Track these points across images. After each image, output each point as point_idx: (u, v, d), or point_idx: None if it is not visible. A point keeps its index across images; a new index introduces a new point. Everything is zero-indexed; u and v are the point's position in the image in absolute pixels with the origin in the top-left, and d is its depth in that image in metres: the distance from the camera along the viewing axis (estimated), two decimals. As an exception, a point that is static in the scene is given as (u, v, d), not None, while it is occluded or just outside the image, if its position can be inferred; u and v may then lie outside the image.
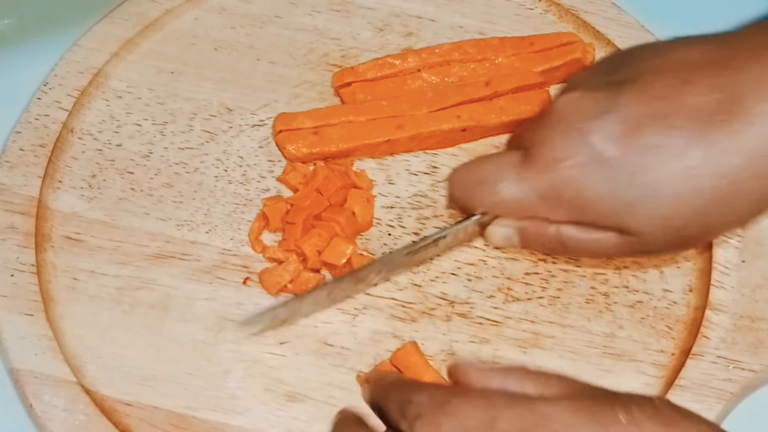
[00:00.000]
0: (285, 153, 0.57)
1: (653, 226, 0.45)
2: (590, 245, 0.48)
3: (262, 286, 0.54)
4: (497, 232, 0.50)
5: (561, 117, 0.46)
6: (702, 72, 0.44)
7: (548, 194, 0.46)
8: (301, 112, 0.58)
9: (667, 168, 0.43)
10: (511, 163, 0.48)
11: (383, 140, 0.57)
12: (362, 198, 0.56)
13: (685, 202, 0.44)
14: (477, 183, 0.49)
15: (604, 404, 0.40)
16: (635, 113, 0.44)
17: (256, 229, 0.55)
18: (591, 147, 0.44)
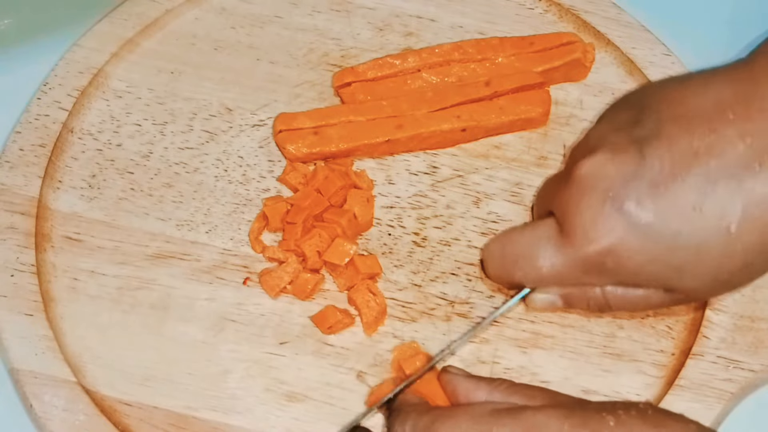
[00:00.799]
0: (285, 153, 0.57)
1: (702, 284, 0.44)
2: (639, 301, 0.46)
3: (263, 288, 0.54)
4: (540, 300, 0.49)
5: (588, 185, 0.44)
6: (728, 117, 0.42)
7: (590, 267, 0.45)
8: (301, 112, 0.58)
9: (708, 228, 0.42)
10: (547, 237, 0.46)
11: (383, 140, 0.57)
12: (362, 198, 0.56)
13: (732, 258, 0.42)
14: (514, 260, 0.48)
15: (592, 411, 0.40)
16: (665, 172, 0.42)
17: (256, 229, 0.55)
18: (626, 215, 0.43)
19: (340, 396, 0.51)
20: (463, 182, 0.58)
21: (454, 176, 0.58)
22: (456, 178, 0.58)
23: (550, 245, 0.46)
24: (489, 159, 0.59)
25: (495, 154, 0.59)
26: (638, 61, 0.62)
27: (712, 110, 0.43)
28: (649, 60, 0.62)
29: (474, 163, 0.59)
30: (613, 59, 0.62)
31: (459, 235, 0.56)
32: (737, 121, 0.42)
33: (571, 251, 0.45)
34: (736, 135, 0.42)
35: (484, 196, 0.58)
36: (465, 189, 0.58)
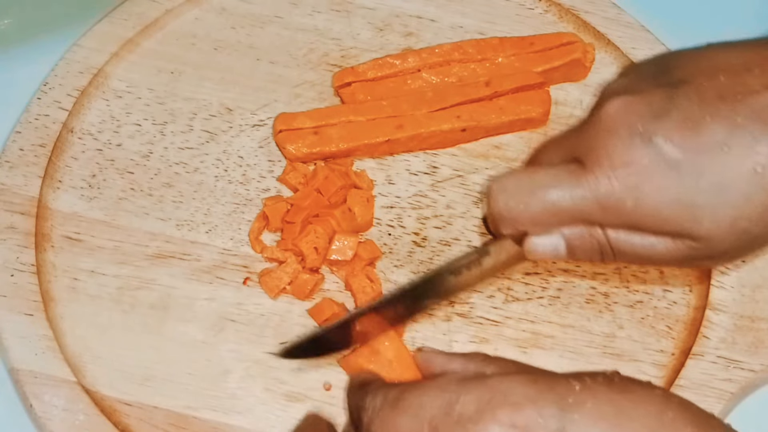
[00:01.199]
0: (285, 153, 0.57)
1: (719, 230, 0.43)
2: (643, 251, 0.45)
3: (262, 288, 0.54)
4: (543, 243, 0.47)
5: (616, 121, 0.44)
6: (754, 72, 0.43)
7: (609, 201, 0.44)
8: (301, 112, 0.58)
9: (734, 167, 0.42)
10: (567, 172, 0.45)
11: (383, 140, 0.57)
12: (362, 198, 0.56)
13: (753, 201, 0.42)
14: (530, 191, 0.46)
15: (558, 377, 0.40)
16: (695, 113, 0.42)
17: (256, 229, 0.55)
18: (654, 150, 0.42)
19: (339, 396, 0.51)
20: (463, 182, 0.58)
21: (454, 176, 0.58)
22: (456, 178, 0.58)
23: (571, 178, 0.45)
24: (489, 159, 0.59)
25: (495, 154, 0.59)
26: (638, 61, 0.62)
27: (738, 67, 0.43)
28: (649, 60, 0.62)
29: (474, 163, 0.59)
30: (613, 59, 0.63)
31: (459, 235, 0.56)
32: (762, 75, 0.42)
33: (594, 184, 0.44)
34: (761, 86, 0.42)
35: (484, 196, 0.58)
36: (465, 189, 0.58)
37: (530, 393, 0.39)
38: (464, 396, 0.39)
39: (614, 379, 0.40)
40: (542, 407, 0.38)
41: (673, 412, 0.38)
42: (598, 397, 0.39)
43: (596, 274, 0.55)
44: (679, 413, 0.39)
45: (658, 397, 0.39)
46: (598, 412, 0.38)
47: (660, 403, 0.39)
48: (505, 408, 0.38)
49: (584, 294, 0.55)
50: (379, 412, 0.41)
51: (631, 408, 0.38)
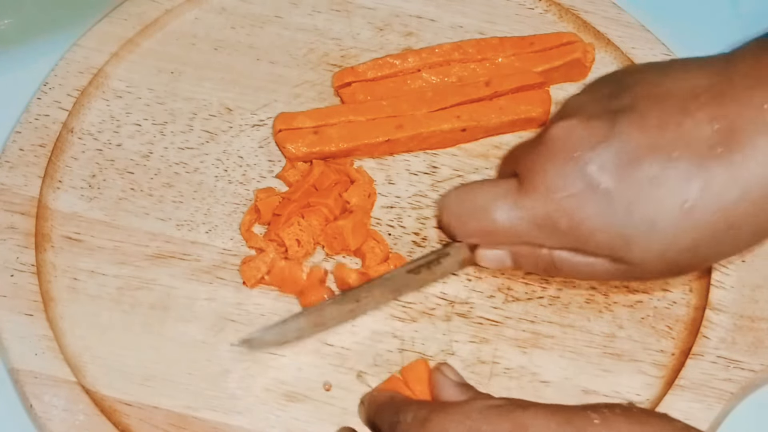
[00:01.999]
0: (285, 152, 0.57)
1: (648, 258, 0.44)
2: (584, 269, 0.47)
3: (242, 277, 0.54)
4: (489, 255, 0.49)
5: (557, 145, 0.45)
6: (701, 100, 0.43)
7: (544, 223, 0.45)
8: (301, 112, 0.58)
9: (664, 202, 0.42)
10: (506, 191, 0.47)
11: (383, 140, 0.57)
12: (363, 192, 0.56)
13: (682, 236, 0.43)
14: (470, 211, 0.48)
15: (577, 409, 0.40)
16: (632, 144, 0.43)
17: (247, 221, 0.55)
18: (587, 178, 0.43)
19: (340, 396, 0.51)
20: (463, 182, 0.58)
21: (454, 176, 0.58)
22: (456, 178, 0.58)
23: (509, 198, 0.46)
24: (489, 159, 0.59)
25: (495, 154, 0.59)
26: (638, 61, 0.62)
27: (686, 93, 0.43)
28: (649, 60, 0.62)
29: (474, 163, 0.59)
30: (613, 59, 0.63)
31: (459, 235, 0.56)
32: (708, 105, 0.42)
33: (529, 206, 0.46)
34: (705, 118, 0.42)
35: (484, 196, 0.57)
36: (465, 189, 0.58)
37: (551, 426, 0.39)
38: (486, 426, 0.40)
39: (632, 411, 0.41)
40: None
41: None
42: (617, 429, 0.39)
43: (596, 274, 0.55)
44: None
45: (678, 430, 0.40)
46: None
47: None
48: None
49: (584, 294, 0.55)
50: (409, 428, 0.43)
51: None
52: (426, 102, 0.58)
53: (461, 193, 0.49)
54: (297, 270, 0.53)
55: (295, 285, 0.53)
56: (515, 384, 0.52)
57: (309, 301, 0.53)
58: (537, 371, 0.52)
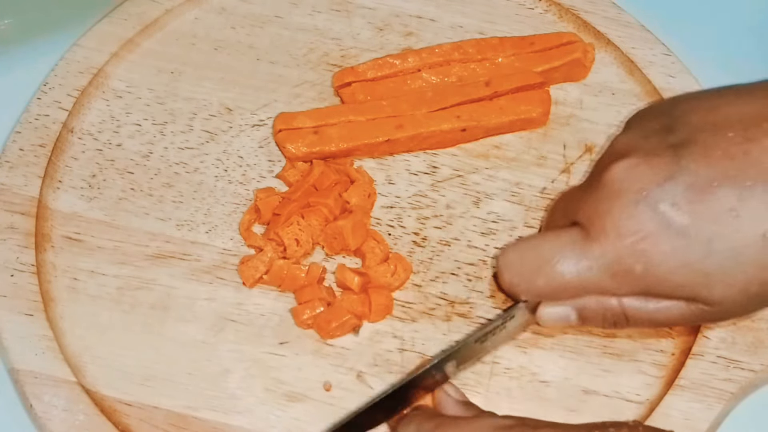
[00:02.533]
0: (285, 152, 0.57)
1: (731, 295, 0.42)
2: (657, 316, 0.45)
3: (240, 277, 0.54)
4: (553, 313, 0.46)
5: (619, 187, 0.43)
6: (763, 127, 0.41)
7: (617, 270, 0.43)
8: (300, 112, 0.58)
9: (744, 233, 0.41)
10: (571, 241, 0.44)
11: (383, 140, 0.57)
12: (363, 192, 0.56)
13: (765, 267, 0.41)
14: (535, 267, 0.45)
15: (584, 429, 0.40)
16: (702, 176, 0.41)
17: (246, 221, 0.55)
18: (660, 216, 0.42)
19: (340, 396, 0.51)
20: (463, 182, 0.58)
21: (454, 176, 0.58)
22: (456, 178, 0.58)
23: (575, 249, 0.44)
24: (489, 159, 0.59)
25: (495, 154, 0.59)
26: (638, 61, 0.62)
27: (747, 120, 0.42)
28: (649, 60, 0.62)
29: (474, 163, 0.59)
30: (613, 59, 0.62)
31: (459, 235, 0.56)
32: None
33: (600, 253, 0.43)
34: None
35: (484, 196, 0.58)
36: (465, 189, 0.58)
37: None
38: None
39: (638, 429, 0.40)
40: None
41: None
42: None
43: (596, 274, 0.55)
44: None
45: None
46: None
47: None
48: None
49: (584, 294, 0.55)
50: None
51: None
52: (426, 102, 0.58)
53: (522, 249, 0.46)
54: (295, 269, 0.53)
55: (293, 283, 0.53)
56: (515, 384, 0.52)
57: (305, 298, 0.53)
58: (537, 371, 0.52)
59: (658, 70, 0.61)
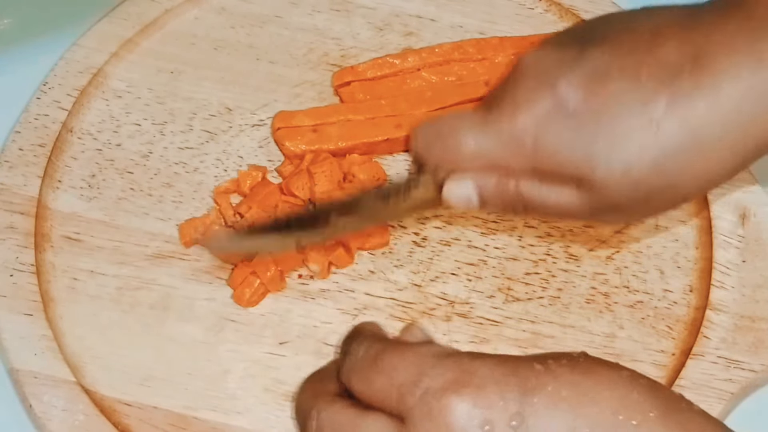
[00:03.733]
0: (283, 150, 0.57)
1: (613, 178, 0.44)
2: (551, 201, 0.46)
3: (179, 235, 0.54)
4: (455, 189, 0.48)
5: (525, 71, 0.46)
6: (672, 30, 0.44)
7: (510, 141, 0.45)
8: (299, 110, 0.58)
9: (630, 117, 0.43)
10: (475, 115, 0.47)
11: (382, 139, 0.57)
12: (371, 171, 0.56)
13: (646, 153, 0.43)
14: (439, 134, 0.48)
15: (523, 360, 0.40)
16: (602, 65, 0.44)
17: (224, 187, 0.56)
18: (555, 95, 0.44)
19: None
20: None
21: (454, 176, 0.58)
22: (456, 177, 0.58)
23: (475, 119, 0.47)
24: (489, 159, 0.59)
25: (495, 153, 0.59)
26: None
27: (659, 25, 0.44)
28: (649, 60, 0.62)
29: (474, 162, 0.59)
30: (613, 59, 0.62)
31: (459, 235, 0.56)
32: (679, 34, 0.43)
33: (495, 123, 0.46)
34: (677, 43, 0.43)
35: (484, 195, 0.57)
36: (465, 189, 0.58)
37: (496, 375, 0.39)
38: (435, 370, 0.40)
39: (579, 361, 0.40)
40: (505, 390, 0.39)
41: (638, 394, 0.39)
42: (559, 380, 0.39)
43: (596, 274, 0.55)
44: (645, 395, 0.39)
45: (624, 379, 0.39)
46: (558, 395, 0.38)
47: (626, 385, 0.39)
48: (470, 388, 0.39)
49: (584, 294, 0.55)
50: (358, 362, 0.42)
51: (594, 390, 0.38)
52: (425, 101, 0.58)
53: (435, 121, 0.49)
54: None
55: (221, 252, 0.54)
56: (515, 384, 0.52)
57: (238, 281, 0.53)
58: (537, 371, 0.52)
59: (658, 70, 0.61)
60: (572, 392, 0.38)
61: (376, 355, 0.42)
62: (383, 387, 0.41)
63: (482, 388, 0.39)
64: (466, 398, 0.38)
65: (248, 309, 0.53)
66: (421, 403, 0.39)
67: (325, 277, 0.54)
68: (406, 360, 0.41)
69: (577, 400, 0.38)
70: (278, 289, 0.53)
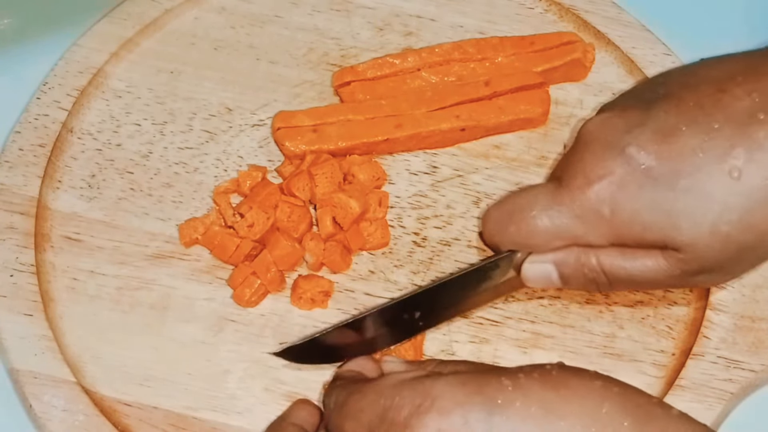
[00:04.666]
0: (283, 150, 0.57)
1: (700, 236, 0.42)
2: (636, 271, 0.45)
3: (179, 235, 0.54)
4: (534, 269, 0.47)
5: (591, 137, 0.44)
6: (736, 80, 0.43)
7: (585, 214, 0.44)
8: (299, 110, 0.58)
9: (710, 170, 0.41)
10: (545, 191, 0.46)
11: (382, 139, 0.57)
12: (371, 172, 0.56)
13: (732, 205, 0.41)
14: (509, 215, 0.47)
15: (491, 376, 0.40)
16: (670, 122, 0.43)
17: (224, 186, 0.56)
18: (627, 159, 0.43)
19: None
20: (463, 182, 0.58)
21: (454, 176, 0.58)
22: (456, 178, 0.58)
23: (547, 196, 0.45)
24: (489, 159, 0.59)
25: (495, 154, 0.59)
26: (638, 60, 0.62)
27: (722, 76, 0.43)
28: (649, 60, 0.62)
29: (474, 163, 0.59)
30: (613, 59, 0.62)
31: (459, 235, 0.56)
32: (745, 81, 0.42)
33: (569, 199, 0.44)
34: (743, 92, 0.42)
35: (484, 196, 0.57)
36: (465, 189, 0.58)
37: (458, 397, 0.39)
38: (397, 400, 0.40)
39: (552, 374, 0.40)
40: (469, 411, 0.38)
41: (610, 405, 0.38)
42: (528, 396, 0.39)
43: (596, 274, 0.55)
44: (617, 405, 0.38)
45: (595, 391, 0.39)
46: (526, 411, 0.38)
47: (596, 397, 0.39)
48: (432, 413, 0.39)
49: (584, 294, 0.54)
50: (332, 413, 0.43)
51: (563, 405, 0.38)
52: (425, 101, 0.58)
53: (501, 201, 0.49)
54: (228, 239, 0.54)
55: (223, 254, 0.54)
56: (515, 384, 0.52)
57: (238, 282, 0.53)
58: (537, 371, 0.52)
59: (658, 70, 0.61)
60: (540, 409, 0.38)
61: (342, 402, 0.42)
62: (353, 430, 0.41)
63: (444, 411, 0.39)
64: (430, 425, 0.38)
65: (248, 309, 0.53)
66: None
67: (317, 270, 0.54)
68: (368, 398, 0.41)
69: (545, 416, 0.38)
70: (278, 289, 0.53)
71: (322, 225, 0.54)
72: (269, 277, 0.53)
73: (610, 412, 0.38)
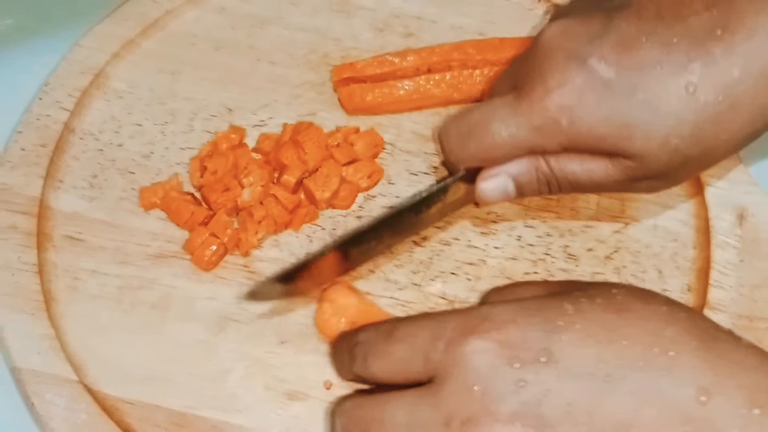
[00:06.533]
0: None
1: (651, 147, 0.43)
2: (586, 175, 0.46)
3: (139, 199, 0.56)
4: (491, 185, 0.48)
5: (552, 45, 0.45)
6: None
7: (545, 124, 0.44)
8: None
9: (666, 85, 0.42)
10: (503, 103, 0.46)
11: None
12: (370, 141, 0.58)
13: (684, 119, 0.42)
14: (470, 129, 0.47)
15: (553, 300, 0.40)
16: (631, 33, 0.43)
17: (205, 152, 0.57)
18: (587, 70, 0.43)
19: (340, 394, 0.51)
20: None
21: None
22: (456, 178, 0.58)
23: (506, 109, 0.46)
24: (488, 159, 0.59)
25: (494, 154, 0.59)
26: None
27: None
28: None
29: (474, 163, 0.59)
30: (612, 60, 0.63)
31: (459, 235, 0.56)
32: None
33: (528, 109, 0.45)
34: (703, 5, 0.43)
35: (483, 196, 0.58)
36: (465, 189, 0.58)
37: (516, 317, 0.39)
38: (451, 322, 0.40)
39: (617, 297, 0.40)
40: (526, 329, 0.39)
41: (674, 329, 0.38)
42: (589, 318, 0.39)
43: (595, 274, 0.55)
44: (681, 329, 0.39)
45: (659, 315, 0.39)
46: (586, 332, 0.38)
47: (660, 321, 0.39)
48: (489, 331, 0.39)
49: (583, 293, 0.55)
50: (374, 343, 0.42)
51: (624, 327, 0.39)
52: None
53: (458, 117, 0.48)
54: (183, 206, 0.55)
55: (178, 218, 0.55)
56: (515, 383, 0.52)
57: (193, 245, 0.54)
58: (536, 370, 0.52)
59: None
60: (601, 329, 0.38)
61: (389, 330, 0.42)
62: (405, 354, 0.40)
63: (502, 329, 0.39)
64: (487, 340, 0.38)
65: (249, 308, 0.53)
66: (446, 355, 0.39)
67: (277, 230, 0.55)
68: (420, 322, 0.41)
69: (606, 336, 0.38)
70: (241, 250, 0.54)
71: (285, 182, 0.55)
72: (228, 234, 0.54)
73: (674, 334, 0.38)
